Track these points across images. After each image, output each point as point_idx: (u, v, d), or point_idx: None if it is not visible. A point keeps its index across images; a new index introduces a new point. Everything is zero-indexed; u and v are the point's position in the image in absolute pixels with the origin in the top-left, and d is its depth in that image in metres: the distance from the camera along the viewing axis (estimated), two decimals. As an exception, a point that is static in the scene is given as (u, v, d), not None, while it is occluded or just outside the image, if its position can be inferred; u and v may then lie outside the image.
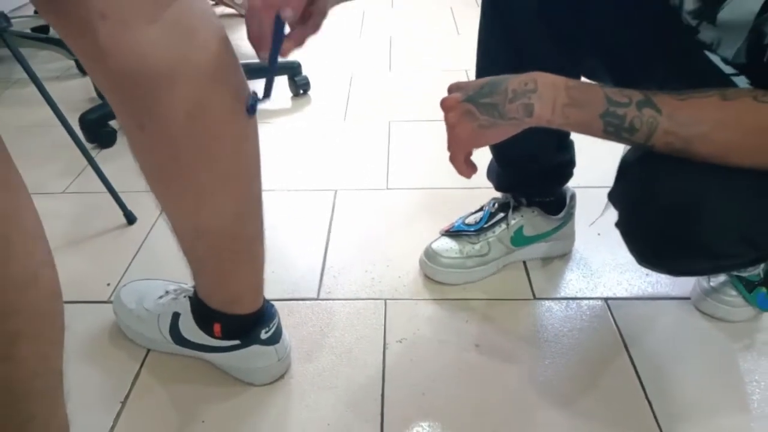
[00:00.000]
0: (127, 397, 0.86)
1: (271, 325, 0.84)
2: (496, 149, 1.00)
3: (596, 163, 1.08)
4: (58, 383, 0.51)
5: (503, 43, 0.86)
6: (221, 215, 0.70)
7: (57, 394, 0.51)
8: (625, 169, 0.69)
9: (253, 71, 1.84)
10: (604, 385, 0.86)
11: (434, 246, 1.05)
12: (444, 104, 0.71)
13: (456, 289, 1.04)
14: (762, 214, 0.62)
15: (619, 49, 0.81)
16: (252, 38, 0.64)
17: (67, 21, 0.55)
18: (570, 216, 1.07)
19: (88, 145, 1.46)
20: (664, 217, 0.64)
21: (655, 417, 0.81)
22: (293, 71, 1.75)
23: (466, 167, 0.73)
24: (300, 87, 1.76)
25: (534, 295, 1.03)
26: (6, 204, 0.44)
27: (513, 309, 1.00)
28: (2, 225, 0.44)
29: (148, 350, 0.93)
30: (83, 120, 1.49)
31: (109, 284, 1.07)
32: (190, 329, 0.85)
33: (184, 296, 0.87)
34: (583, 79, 0.89)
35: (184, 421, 0.83)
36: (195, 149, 0.63)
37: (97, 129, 1.51)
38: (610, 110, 0.62)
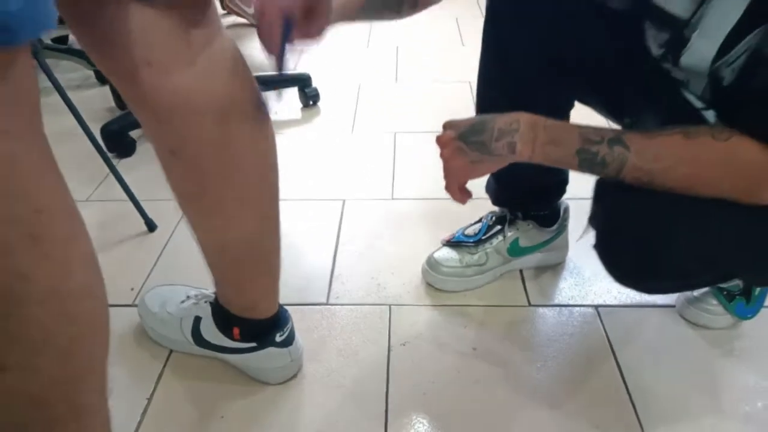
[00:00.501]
0: (152, 394, 0.94)
1: (285, 329, 0.91)
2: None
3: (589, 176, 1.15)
4: (105, 380, 0.58)
5: (502, 73, 0.93)
6: (243, 232, 0.78)
7: (104, 389, 0.59)
8: (600, 195, 0.76)
9: (264, 82, 1.93)
10: (591, 387, 0.93)
11: (436, 255, 1.13)
12: (439, 141, 0.79)
13: (456, 295, 1.11)
14: (720, 238, 0.69)
15: (607, 81, 0.88)
16: (262, 38, 0.66)
17: (115, 66, 0.63)
18: (563, 228, 1.14)
19: (109, 154, 1.54)
20: (634, 241, 0.71)
21: (637, 417, 0.89)
22: (303, 83, 1.83)
23: (460, 195, 0.81)
24: (310, 98, 1.83)
25: (529, 302, 1.10)
26: (67, 229, 0.51)
27: (509, 315, 1.07)
28: (63, 248, 0.51)
29: (171, 351, 1.01)
30: (105, 130, 1.57)
31: (132, 289, 1.15)
32: (210, 332, 0.93)
33: (205, 301, 0.95)
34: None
35: (205, 416, 0.91)
36: (221, 175, 0.70)
37: (118, 139, 1.59)
38: (584, 147, 0.69)
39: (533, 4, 0.79)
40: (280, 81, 1.86)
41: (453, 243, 1.14)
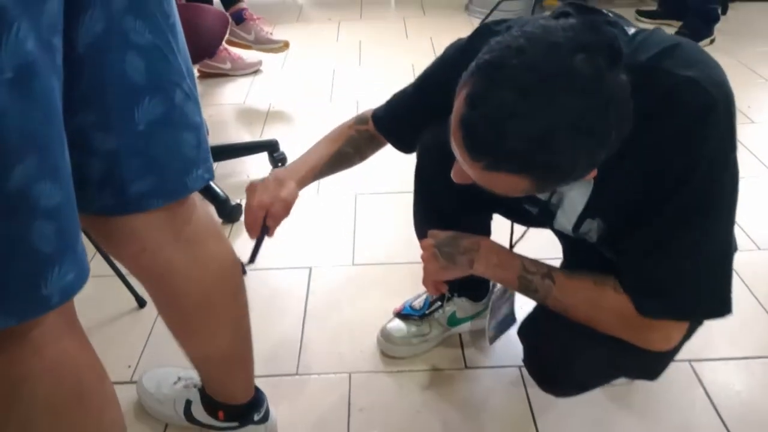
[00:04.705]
0: (153, 464, 1.14)
1: (261, 410, 1.12)
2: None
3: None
4: None
5: (429, 207, 1.17)
6: (220, 346, 0.98)
7: None
8: (527, 322, 0.97)
9: (237, 150, 2.10)
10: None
11: (388, 327, 1.34)
12: (422, 245, 1.00)
13: (404, 361, 1.32)
14: (604, 364, 0.92)
15: (512, 217, 1.11)
16: (247, 225, 0.98)
17: (119, 254, 0.83)
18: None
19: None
20: (548, 362, 0.93)
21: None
22: (272, 148, 2.02)
23: (433, 290, 1.02)
24: (278, 161, 2.02)
25: (465, 364, 1.32)
26: (102, 393, 0.72)
27: (448, 377, 1.29)
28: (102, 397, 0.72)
29: (167, 424, 1.20)
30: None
31: (129, 366, 1.34)
32: (200, 413, 1.13)
33: (194, 386, 1.15)
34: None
35: (198, 482, 1.11)
36: (202, 316, 0.91)
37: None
38: (523, 275, 0.90)
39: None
40: (251, 148, 2.06)
41: (402, 315, 1.35)
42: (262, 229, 0.97)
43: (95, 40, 0.63)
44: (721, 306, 0.82)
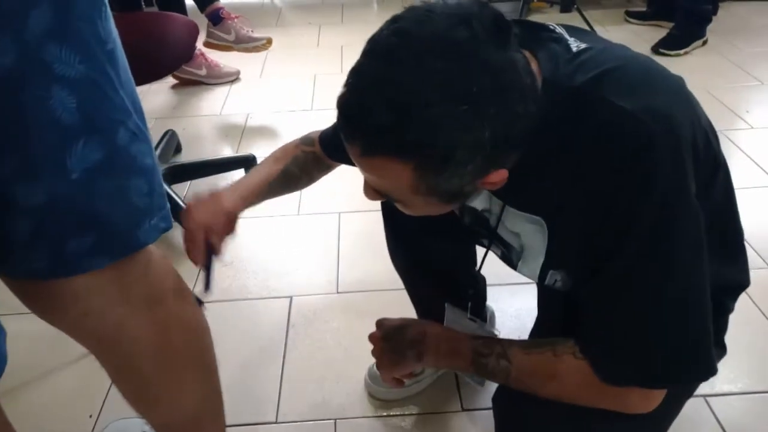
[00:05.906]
0: None
1: (235, 471, 1.00)
2: (415, 299, 1.19)
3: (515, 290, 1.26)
4: None
5: (401, 247, 1.11)
6: (185, 413, 0.86)
7: None
8: (500, 390, 0.87)
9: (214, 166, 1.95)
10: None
11: (376, 367, 1.22)
12: (370, 338, 0.91)
13: (395, 405, 1.21)
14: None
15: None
16: (188, 251, 0.90)
17: (54, 319, 0.70)
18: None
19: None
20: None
21: None
22: (249, 164, 1.89)
23: (393, 384, 0.93)
24: (256, 178, 1.90)
25: (462, 406, 1.20)
26: None
27: (444, 422, 1.18)
28: None
29: (131, 486, 1.08)
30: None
31: (91, 416, 1.21)
32: (165, 475, 1.00)
33: (159, 444, 1.02)
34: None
35: None
36: (162, 384, 0.79)
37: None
38: (477, 360, 0.80)
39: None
40: (227, 164, 1.93)
41: (391, 353, 1.23)
42: (207, 252, 0.87)
43: (6, 76, 0.51)
44: (697, 368, 0.70)
